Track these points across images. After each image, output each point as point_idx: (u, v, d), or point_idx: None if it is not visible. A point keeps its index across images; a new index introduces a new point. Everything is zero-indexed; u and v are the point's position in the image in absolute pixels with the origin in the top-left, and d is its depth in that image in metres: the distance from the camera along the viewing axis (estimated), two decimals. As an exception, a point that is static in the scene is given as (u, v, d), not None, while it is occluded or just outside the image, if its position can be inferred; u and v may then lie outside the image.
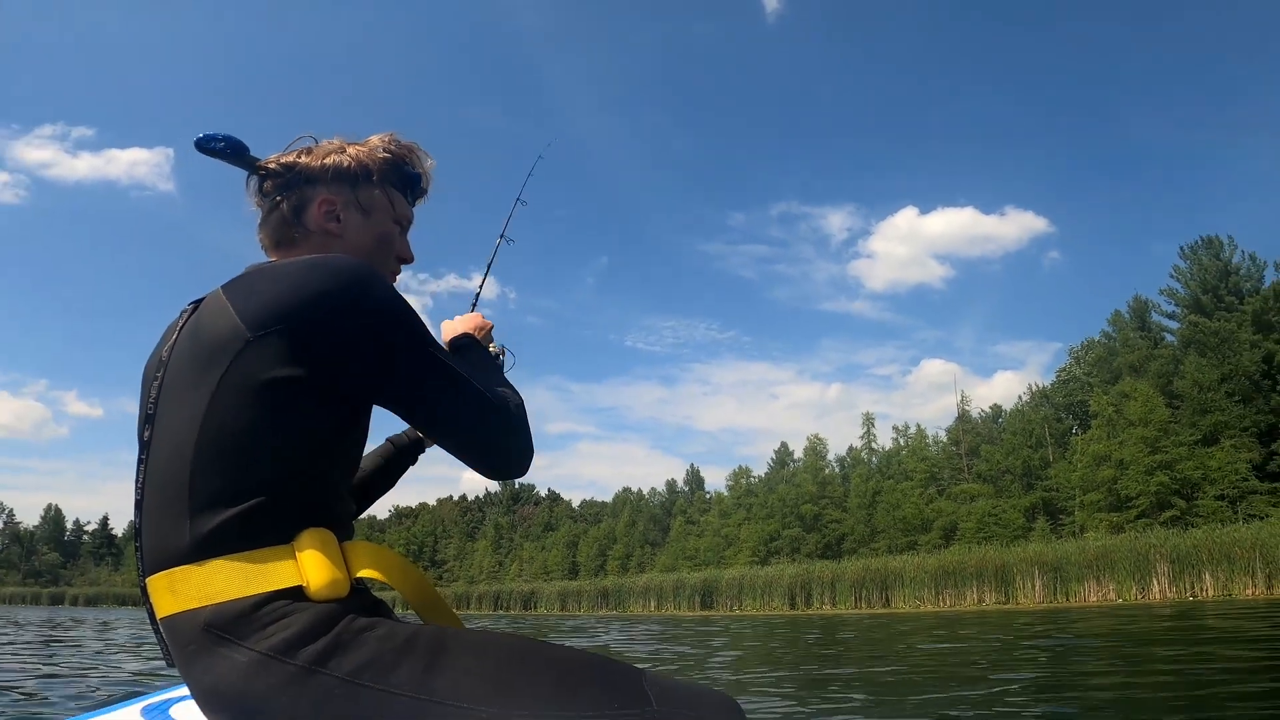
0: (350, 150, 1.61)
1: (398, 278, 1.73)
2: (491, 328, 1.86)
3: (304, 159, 1.59)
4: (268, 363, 1.28)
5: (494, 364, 1.75)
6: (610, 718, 1.29)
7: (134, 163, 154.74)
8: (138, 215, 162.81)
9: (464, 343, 1.73)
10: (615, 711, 1.30)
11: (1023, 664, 6.65)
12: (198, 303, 1.45)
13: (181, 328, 1.42)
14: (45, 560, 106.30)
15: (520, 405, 1.52)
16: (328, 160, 1.59)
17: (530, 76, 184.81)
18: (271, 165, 1.59)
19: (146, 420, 1.39)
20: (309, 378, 1.30)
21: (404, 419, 1.49)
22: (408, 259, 1.71)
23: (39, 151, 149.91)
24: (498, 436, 1.45)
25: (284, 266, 1.38)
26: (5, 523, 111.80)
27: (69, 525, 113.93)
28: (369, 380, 1.37)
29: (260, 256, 1.63)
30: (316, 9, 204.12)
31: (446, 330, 1.79)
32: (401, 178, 1.67)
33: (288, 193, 1.58)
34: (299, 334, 1.29)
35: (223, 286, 1.40)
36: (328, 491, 1.39)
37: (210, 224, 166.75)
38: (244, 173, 1.62)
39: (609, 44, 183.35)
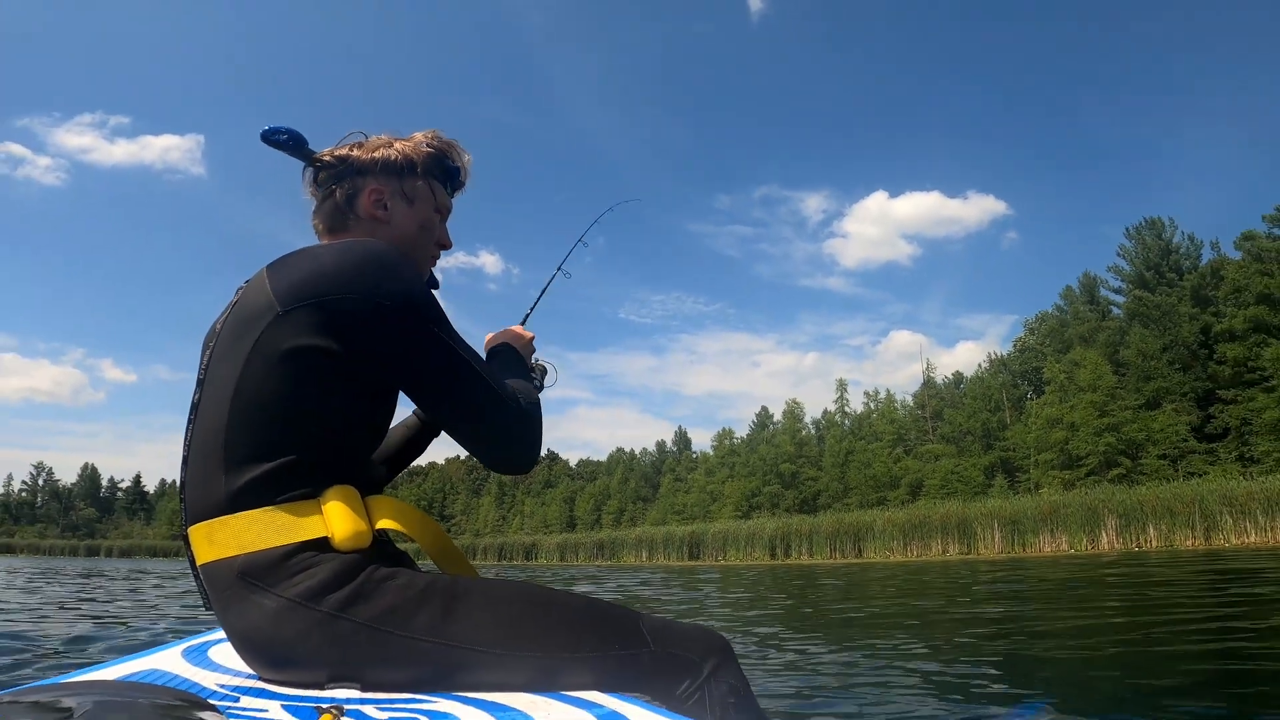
0: (397, 145, 1.62)
1: (437, 262, 1.74)
2: (532, 338, 1.85)
3: (356, 152, 1.60)
4: (292, 334, 1.29)
5: (520, 368, 1.72)
6: (612, 658, 1.33)
7: (167, 148, 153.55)
8: (170, 197, 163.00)
9: (499, 349, 1.76)
10: (617, 652, 1.34)
11: (993, 601, 6.70)
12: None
13: (234, 303, 1.42)
14: (82, 515, 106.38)
15: (533, 405, 1.51)
16: (377, 154, 1.60)
17: (536, 72, 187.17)
18: (326, 157, 1.60)
19: (198, 385, 1.40)
20: (329, 350, 1.30)
21: (413, 400, 1.48)
22: (446, 245, 1.72)
23: (79, 138, 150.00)
24: (501, 431, 1.43)
25: (319, 248, 1.40)
26: (45, 480, 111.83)
27: (104, 483, 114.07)
28: (383, 359, 1.35)
29: (313, 240, 1.63)
30: (335, 6, 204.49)
31: (489, 340, 1.80)
32: (443, 170, 1.68)
33: (340, 183, 1.59)
34: (322, 310, 1.29)
35: (268, 265, 1.41)
36: (353, 453, 1.40)
37: (238, 205, 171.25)
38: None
39: (609, 43, 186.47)
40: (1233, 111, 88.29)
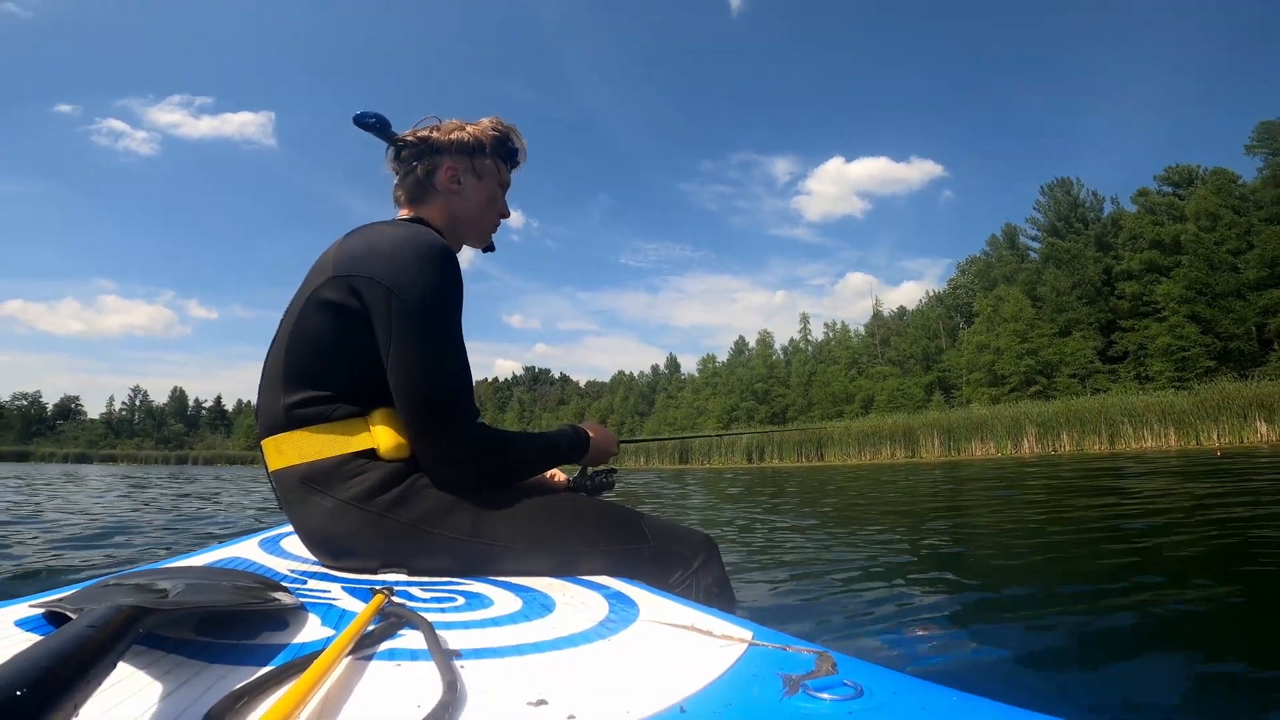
0: (469, 128, 1.60)
1: (498, 229, 1.71)
2: (615, 455, 1.70)
3: (434, 134, 1.57)
4: (333, 291, 1.29)
5: (560, 447, 1.54)
6: (618, 552, 1.36)
7: (244, 123, 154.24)
8: (246, 165, 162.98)
9: (575, 428, 1.61)
10: (622, 547, 1.36)
11: (934, 498, 6.81)
12: None
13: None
14: (172, 430, 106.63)
15: (488, 446, 1.35)
16: (452, 135, 1.57)
17: (549, 58, 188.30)
18: (409, 138, 1.57)
19: (279, 325, 1.41)
20: (355, 309, 1.28)
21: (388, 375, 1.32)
22: (505, 215, 1.70)
23: (169, 115, 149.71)
24: (433, 436, 1.30)
25: (384, 230, 1.36)
26: (141, 401, 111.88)
27: (191, 403, 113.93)
28: (383, 329, 1.28)
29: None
30: (385, 1, 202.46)
31: (588, 424, 1.67)
32: (505, 151, 1.65)
33: (420, 160, 1.56)
34: (355, 280, 1.28)
35: (346, 234, 1.40)
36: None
37: (303, 172, 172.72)
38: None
39: (612, 33, 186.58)
40: (1129, 89, 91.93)
